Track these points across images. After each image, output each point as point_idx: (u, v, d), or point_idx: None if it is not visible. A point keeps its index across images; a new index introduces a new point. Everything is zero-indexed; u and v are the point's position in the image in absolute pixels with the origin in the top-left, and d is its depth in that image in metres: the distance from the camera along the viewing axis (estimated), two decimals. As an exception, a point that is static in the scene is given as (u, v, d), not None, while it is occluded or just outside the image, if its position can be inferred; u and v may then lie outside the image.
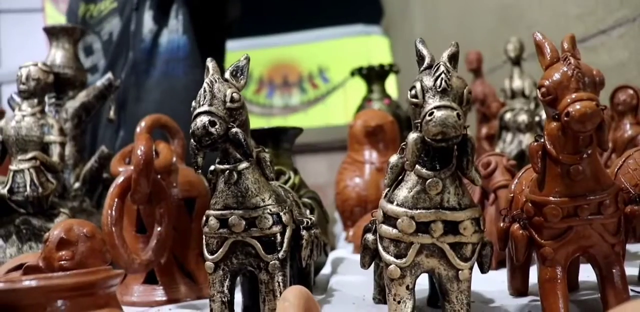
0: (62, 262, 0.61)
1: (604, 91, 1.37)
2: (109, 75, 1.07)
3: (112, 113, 1.07)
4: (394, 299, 0.63)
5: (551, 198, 0.63)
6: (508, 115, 1.50)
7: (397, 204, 0.62)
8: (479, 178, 0.62)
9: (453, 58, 0.62)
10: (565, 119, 0.57)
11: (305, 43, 4.43)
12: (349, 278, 0.90)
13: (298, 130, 0.95)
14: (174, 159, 0.93)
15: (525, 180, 0.72)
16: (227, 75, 0.69)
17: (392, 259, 0.62)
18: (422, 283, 0.70)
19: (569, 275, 0.78)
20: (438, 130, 0.55)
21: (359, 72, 1.85)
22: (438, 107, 0.56)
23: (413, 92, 0.59)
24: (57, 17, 3.21)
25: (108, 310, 0.52)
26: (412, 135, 0.59)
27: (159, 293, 0.89)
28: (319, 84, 4.69)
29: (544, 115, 1.32)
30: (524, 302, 0.74)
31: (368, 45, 3.99)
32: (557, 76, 0.59)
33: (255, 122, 0.97)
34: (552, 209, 0.62)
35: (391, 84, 2.00)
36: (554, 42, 0.65)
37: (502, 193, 0.89)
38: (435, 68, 0.60)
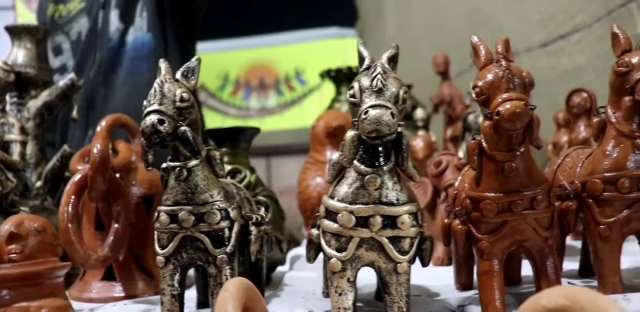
0: (12, 255, 0.62)
1: (562, 95, 1.42)
2: (72, 75, 1.08)
3: (75, 113, 1.09)
4: (336, 292, 0.65)
5: (487, 194, 0.65)
6: (471, 117, 1.53)
7: (338, 200, 0.64)
8: (417, 174, 0.64)
9: (392, 59, 0.65)
10: (496, 117, 0.60)
11: (281, 45, 4.45)
12: (303, 274, 0.92)
13: (255, 131, 0.97)
14: (134, 157, 0.95)
15: (467, 178, 0.74)
16: (178, 75, 0.71)
17: (333, 252, 0.65)
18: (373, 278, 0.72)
19: (512, 270, 0.81)
20: (372, 128, 0.58)
21: (327, 74, 1.87)
22: (373, 106, 0.59)
23: (351, 92, 0.62)
24: (29, 16, 3.21)
25: (52, 299, 0.54)
26: (349, 133, 0.61)
27: (117, 289, 0.91)
28: (296, 86, 4.71)
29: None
30: (467, 295, 0.76)
31: (343, 47, 4.02)
32: (489, 77, 0.62)
33: (231, 124, 0.99)
34: (488, 204, 0.65)
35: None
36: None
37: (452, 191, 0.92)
38: (373, 69, 0.62)
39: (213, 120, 4.32)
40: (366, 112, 0.58)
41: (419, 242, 0.67)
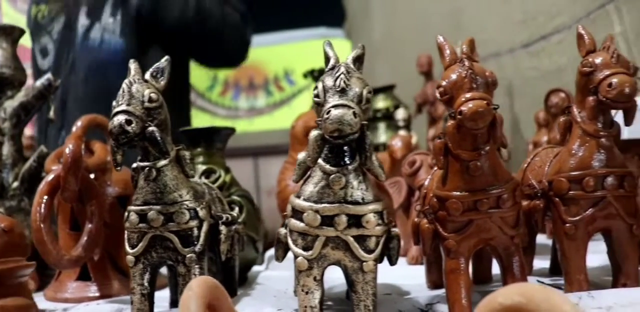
0: (-22, 255, 0.63)
1: (544, 95, 1.42)
2: (49, 75, 1.08)
3: (51, 113, 1.09)
4: (302, 290, 0.66)
5: (453, 193, 0.66)
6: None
7: (304, 199, 0.64)
8: (383, 173, 0.65)
9: (358, 59, 0.65)
10: (459, 117, 0.61)
11: (270, 45, 4.44)
12: (276, 273, 0.93)
13: (230, 131, 0.97)
14: (109, 158, 0.95)
15: (436, 177, 0.75)
16: (147, 76, 0.71)
17: (300, 251, 0.65)
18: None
19: (483, 268, 0.82)
20: (334, 128, 0.58)
21: (310, 74, 1.87)
22: (335, 106, 0.59)
23: (316, 92, 0.62)
24: (14, 15, 3.20)
25: (12, 299, 0.54)
26: (313, 133, 0.62)
27: (92, 289, 0.91)
28: (285, 86, 4.71)
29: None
30: (437, 294, 0.77)
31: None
32: (452, 77, 0.63)
33: (220, 124, 0.99)
34: (454, 203, 0.66)
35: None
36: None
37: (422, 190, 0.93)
38: (337, 69, 0.63)
39: (202, 121, 4.32)
40: (328, 112, 0.59)
41: (386, 241, 0.67)
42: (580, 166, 0.70)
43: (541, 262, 0.89)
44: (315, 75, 1.87)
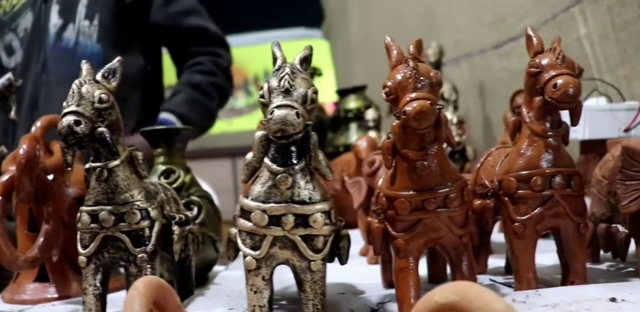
0: None
1: (510, 96, 1.44)
2: (9, 75, 1.07)
3: (12, 113, 1.08)
4: (251, 290, 0.66)
5: (400, 192, 0.67)
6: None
7: (252, 199, 0.65)
8: (330, 173, 0.65)
9: (305, 60, 0.66)
10: (403, 117, 0.61)
11: (250, 45, 4.44)
12: (235, 273, 0.93)
13: (190, 131, 0.97)
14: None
15: (387, 177, 0.75)
16: (98, 76, 0.71)
17: (248, 251, 0.65)
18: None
19: (438, 267, 0.83)
20: (277, 128, 0.59)
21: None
22: (279, 106, 0.60)
23: (261, 92, 0.63)
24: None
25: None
26: (258, 133, 0.62)
27: (50, 290, 0.90)
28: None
29: (447, 117, 1.36)
30: (389, 293, 0.77)
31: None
32: (397, 77, 0.63)
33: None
34: (401, 202, 0.66)
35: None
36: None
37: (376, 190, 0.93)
38: (282, 70, 0.63)
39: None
40: (272, 112, 0.59)
41: (336, 241, 0.68)
42: (528, 165, 0.70)
43: (499, 261, 0.90)
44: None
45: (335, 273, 0.88)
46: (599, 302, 0.65)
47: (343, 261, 0.69)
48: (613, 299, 0.65)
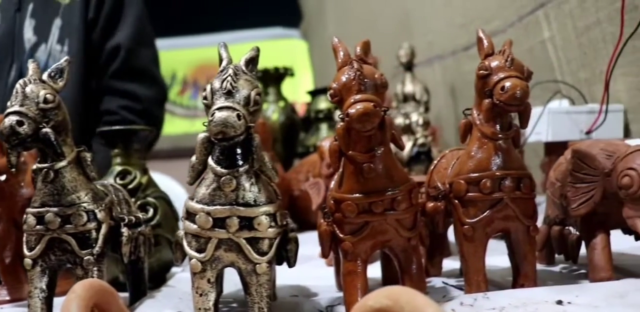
0: None
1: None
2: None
3: None
4: (197, 292, 0.65)
5: (347, 195, 0.66)
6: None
7: (196, 201, 0.64)
8: (275, 175, 0.65)
9: (251, 62, 0.66)
10: (347, 119, 0.61)
11: (229, 44, 4.42)
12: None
13: (149, 132, 0.96)
14: (22, 158, 0.94)
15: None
16: (44, 76, 0.71)
17: (193, 253, 0.65)
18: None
19: (392, 269, 0.82)
20: (218, 130, 0.58)
21: (254, 74, 1.87)
22: (220, 108, 0.59)
23: (204, 94, 0.62)
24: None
25: None
26: (200, 135, 0.62)
27: (2, 293, 0.89)
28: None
29: (414, 118, 1.37)
30: (340, 296, 0.77)
31: (289, 48, 4.02)
32: (342, 79, 0.63)
33: (178, 124, 0.98)
34: (348, 205, 0.66)
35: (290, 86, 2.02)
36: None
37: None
38: (225, 71, 0.63)
39: (159, 120, 4.28)
40: (213, 114, 0.59)
41: (283, 243, 0.67)
42: (478, 168, 0.70)
43: (456, 264, 0.90)
44: (258, 76, 1.87)
45: (293, 275, 0.88)
46: (546, 305, 0.65)
47: (291, 264, 0.69)
48: (559, 302, 0.65)
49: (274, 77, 1.87)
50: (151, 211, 0.91)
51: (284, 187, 1.33)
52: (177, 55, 4.49)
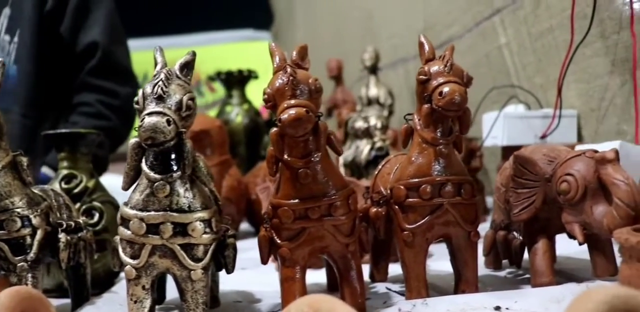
0: None
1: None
2: None
3: None
4: (131, 299, 0.65)
5: (284, 201, 0.66)
6: (349, 122, 1.54)
7: (130, 207, 0.63)
8: (210, 180, 0.64)
9: (186, 66, 0.65)
10: (279, 124, 0.60)
11: (201, 46, 4.39)
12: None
13: (95, 135, 0.95)
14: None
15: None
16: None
17: (128, 260, 0.64)
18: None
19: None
20: (147, 136, 0.58)
21: (217, 77, 1.86)
22: (150, 114, 0.59)
23: (136, 99, 0.62)
24: None
25: None
26: (131, 141, 0.61)
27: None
28: (217, 87, 4.67)
29: (372, 122, 1.36)
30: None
31: (259, 50, 4.00)
32: (276, 84, 0.62)
33: None
34: (285, 211, 0.65)
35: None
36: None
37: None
38: (157, 75, 0.62)
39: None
40: (143, 119, 0.58)
41: (221, 250, 0.67)
42: (418, 173, 0.70)
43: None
44: (222, 78, 1.86)
45: (242, 280, 0.88)
46: (484, 311, 0.65)
47: (229, 270, 0.68)
48: (497, 308, 0.65)
49: (238, 80, 1.86)
50: (97, 216, 0.90)
51: (242, 191, 1.32)
52: (149, 56, 4.43)
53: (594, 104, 1.15)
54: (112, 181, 1.01)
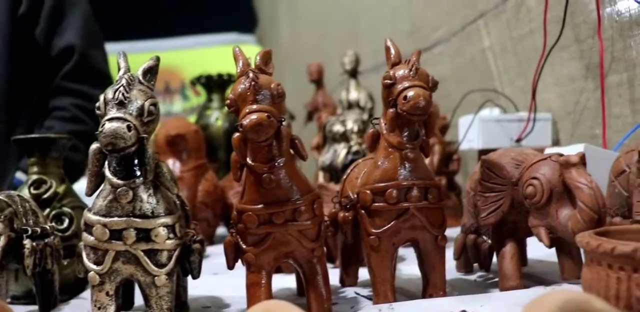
0: None
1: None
2: None
3: None
4: (95, 305, 0.64)
5: (248, 205, 0.66)
6: (327, 126, 1.53)
7: (94, 213, 0.63)
8: (174, 186, 0.64)
9: (149, 71, 0.65)
10: (241, 129, 0.60)
11: (185, 49, 4.39)
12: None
13: (66, 140, 0.94)
14: None
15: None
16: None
17: (91, 265, 0.64)
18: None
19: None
20: (107, 141, 0.58)
21: (197, 80, 1.86)
22: (110, 119, 0.58)
23: (97, 104, 0.61)
24: None
25: None
26: (92, 146, 0.61)
27: None
28: (201, 91, 4.66)
29: (349, 125, 1.36)
30: (253, 307, 0.76)
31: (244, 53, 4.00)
32: (238, 89, 0.62)
33: None
34: (249, 216, 0.65)
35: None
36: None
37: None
38: (119, 81, 0.62)
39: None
40: (103, 125, 0.58)
41: (187, 255, 0.66)
42: (384, 178, 0.70)
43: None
44: (202, 82, 1.86)
45: (214, 285, 0.87)
46: (449, 315, 0.65)
47: (194, 276, 0.68)
48: (464, 312, 0.65)
49: (218, 84, 1.86)
50: (67, 221, 0.89)
51: (218, 196, 1.31)
52: (132, 60, 4.42)
53: (570, 107, 1.15)
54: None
